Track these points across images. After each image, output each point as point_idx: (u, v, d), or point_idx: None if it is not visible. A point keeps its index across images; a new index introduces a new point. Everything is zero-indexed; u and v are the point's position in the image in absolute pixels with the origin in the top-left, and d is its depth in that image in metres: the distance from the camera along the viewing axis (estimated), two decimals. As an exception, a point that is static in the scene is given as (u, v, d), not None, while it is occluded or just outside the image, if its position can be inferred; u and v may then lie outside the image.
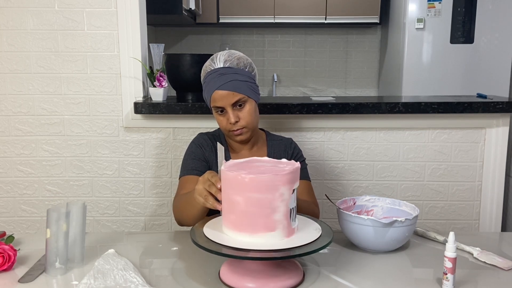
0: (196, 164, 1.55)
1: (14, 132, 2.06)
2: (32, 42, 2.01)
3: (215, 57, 1.52)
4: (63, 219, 1.15)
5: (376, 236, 1.28)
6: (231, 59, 1.50)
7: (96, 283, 1.08)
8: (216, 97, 1.48)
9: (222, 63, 1.50)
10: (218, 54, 1.53)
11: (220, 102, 1.48)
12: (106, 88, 2.04)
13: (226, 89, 1.46)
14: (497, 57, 3.22)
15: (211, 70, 1.50)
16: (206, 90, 1.52)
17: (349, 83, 4.16)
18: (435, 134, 2.10)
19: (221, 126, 1.54)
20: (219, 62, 1.50)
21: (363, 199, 1.49)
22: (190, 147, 1.62)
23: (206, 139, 1.62)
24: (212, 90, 1.48)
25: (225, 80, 1.47)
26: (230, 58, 1.50)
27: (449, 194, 2.14)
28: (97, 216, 2.13)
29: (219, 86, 1.47)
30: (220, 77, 1.47)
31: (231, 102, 1.48)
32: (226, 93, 1.47)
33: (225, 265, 1.16)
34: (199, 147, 1.60)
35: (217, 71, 1.49)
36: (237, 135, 1.53)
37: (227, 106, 1.48)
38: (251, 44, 4.08)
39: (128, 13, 1.99)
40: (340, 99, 2.13)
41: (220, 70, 1.48)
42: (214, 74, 1.49)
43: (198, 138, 1.64)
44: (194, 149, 1.59)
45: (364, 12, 3.68)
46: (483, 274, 1.21)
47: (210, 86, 1.49)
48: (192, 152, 1.59)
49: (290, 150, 1.66)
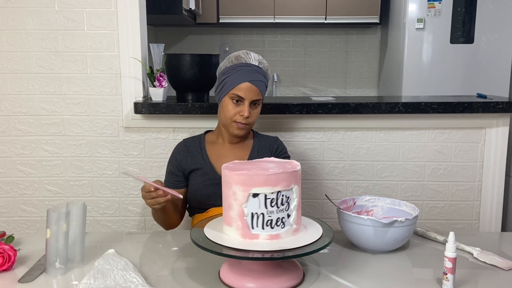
0: (170, 177, 1.71)
1: (14, 132, 2.06)
2: (32, 42, 2.01)
3: (249, 54, 1.63)
4: (63, 219, 1.15)
5: (376, 236, 1.28)
6: (263, 63, 1.64)
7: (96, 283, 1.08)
8: (243, 87, 1.57)
9: (257, 62, 1.62)
10: (251, 53, 1.64)
11: (244, 93, 1.57)
12: (106, 88, 2.04)
13: (256, 85, 1.58)
14: (497, 57, 3.22)
15: (247, 63, 1.60)
16: (235, 77, 1.58)
17: (349, 83, 4.16)
18: (435, 134, 2.10)
19: (228, 114, 1.61)
20: (254, 60, 1.62)
21: (363, 199, 1.49)
22: (169, 161, 1.75)
23: (181, 145, 1.74)
24: (243, 80, 1.57)
25: (257, 77, 1.59)
26: (263, 62, 1.64)
27: (449, 194, 2.14)
28: (97, 216, 2.13)
29: (252, 80, 1.58)
30: (254, 73, 1.59)
31: (252, 98, 1.59)
32: (254, 89, 1.58)
33: (225, 265, 1.16)
34: (174, 157, 1.72)
35: (253, 66, 1.60)
36: (239, 129, 1.62)
37: (248, 100, 1.58)
38: (251, 44, 4.08)
39: (128, 13, 1.99)
40: (340, 99, 2.13)
41: (255, 67, 1.60)
42: (249, 68, 1.59)
43: (175, 149, 1.75)
44: (170, 161, 1.74)
45: (364, 12, 3.68)
46: (483, 274, 1.21)
47: (241, 75, 1.57)
48: (169, 165, 1.73)
49: (275, 146, 1.74)
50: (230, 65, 1.61)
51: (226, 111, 1.61)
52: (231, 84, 1.58)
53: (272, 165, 1.16)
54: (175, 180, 1.70)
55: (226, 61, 1.65)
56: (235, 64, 1.60)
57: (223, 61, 1.67)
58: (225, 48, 4.07)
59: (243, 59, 1.60)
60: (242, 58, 1.61)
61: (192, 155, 1.69)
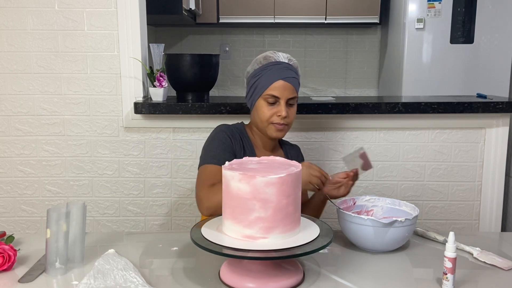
0: (227, 156, 1.50)
1: (14, 132, 2.06)
2: (32, 42, 2.01)
3: (276, 53, 1.56)
4: (63, 219, 1.15)
5: (376, 236, 1.28)
6: (293, 60, 1.57)
7: (96, 283, 1.08)
8: (277, 86, 1.50)
9: (287, 60, 1.55)
10: (278, 52, 1.57)
11: (279, 92, 1.50)
12: (106, 88, 2.04)
13: (290, 82, 1.51)
14: (497, 57, 3.22)
15: (277, 61, 1.53)
16: (266, 76, 1.51)
17: (349, 83, 4.15)
18: (435, 134, 2.10)
19: (264, 116, 1.52)
20: (283, 58, 1.55)
21: (363, 199, 1.49)
22: (219, 136, 1.56)
23: (234, 131, 1.59)
24: (276, 78, 1.50)
25: (290, 74, 1.52)
26: (292, 59, 1.57)
27: (449, 194, 2.14)
28: (97, 216, 2.13)
29: (286, 77, 1.51)
30: (286, 70, 1.52)
31: (288, 97, 1.51)
32: (289, 86, 1.51)
33: (225, 265, 1.16)
34: (229, 138, 1.55)
35: (283, 64, 1.53)
36: (277, 130, 1.54)
37: (283, 98, 1.51)
38: (251, 44, 4.08)
39: (128, 13, 1.99)
40: (340, 99, 2.14)
41: (286, 64, 1.53)
42: (280, 66, 1.52)
43: (227, 129, 1.59)
44: (225, 139, 1.55)
45: (364, 12, 3.68)
46: (483, 274, 1.21)
47: (275, 74, 1.50)
48: (223, 143, 1.54)
49: (301, 158, 1.71)
50: (259, 66, 1.54)
51: (261, 113, 1.53)
52: (263, 85, 1.51)
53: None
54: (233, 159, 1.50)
55: (253, 63, 1.57)
56: (264, 64, 1.53)
57: (250, 64, 1.59)
58: (225, 48, 4.07)
59: (272, 58, 1.54)
60: (270, 57, 1.54)
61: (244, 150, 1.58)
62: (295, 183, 1.10)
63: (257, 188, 1.06)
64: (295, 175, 1.10)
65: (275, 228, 1.08)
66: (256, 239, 1.08)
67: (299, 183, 1.13)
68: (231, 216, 1.10)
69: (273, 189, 1.06)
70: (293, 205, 1.10)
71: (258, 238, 1.08)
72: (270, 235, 1.08)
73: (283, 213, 1.08)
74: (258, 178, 1.05)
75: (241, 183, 1.07)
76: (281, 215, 1.08)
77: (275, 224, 1.08)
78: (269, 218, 1.07)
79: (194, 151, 2.07)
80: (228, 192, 1.11)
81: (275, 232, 1.08)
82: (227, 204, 1.12)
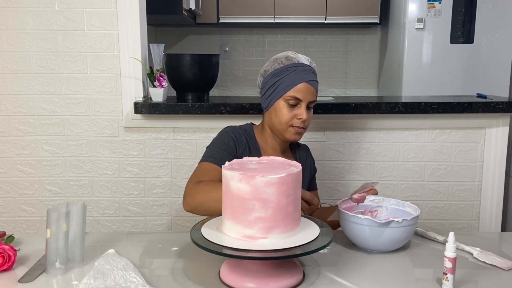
0: (225, 156, 1.49)
1: (14, 132, 2.06)
2: (32, 42, 2.01)
3: (297, 54, 1.53)
4: (63, 219, 1.15)
5: (371, 235, 1.28)
6: (313, 63, 1.55)
7: (96, 283, 1.08)
8: (300, 88, 1.47)
9: (309, 62, 1.52)
10: (298, 54, 1.53)
11: (302, 95, 1.48)
12: (106, 88, 2.04)
13: (313, 86, 1.50)
14: (497, 57, 3.22)
15: (301, 63, 1.50)
16: (290, 78, 1.48)
17: (349, 83, 4.16)
18: (435, 134, 2.10)
19: (283, 119, 1.49)
20: (305, 60, 1.52)
21: (368, 199, 1.49)
22: (223, 137, 1.55)
23: (240, 134, 1.56)
24: (301, 80, 1.47)
25: (313, 77, 1.50)
26: (313, 62, 1.54)
27: (449, 194, 2.14)
28: (97, 216, 2.13)
29: (310, 80, 1.48)
30: (310, 73, 1.49)
31: (310, 99, 1.49)
32: (312, 90, 1.49)
33: (225, 265, 1.16)
34: (233, 140, 1.53)
35: (306, 66, 1.50)
36: (296, 133, 1.52)
37: (305, 101, 1.48)
38: (251, 44, 4.08)
39: (128, 13, 1.99)
40: (340, 99, 2.14)
41: (308, 67, 1.51)
42: (303, 68, 1.49)
43: (233, 131, 1.56)
44: (228, 141, 1.53)
45: (364, 12, 3.68)
46: (483, 274, 1.21)
47: (298, 76, 1.47)
48: (225, 144, 1.52)
49: (310, 159, 1.70)
50: (281, 66, 1.49)
51: (280, 115, 1.49)
52: (286, 86, 1.47)
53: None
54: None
55: (273, 62, 1.53)
56: (287, 65, 1.49)
57: (268, 63, 1.55)
58: (225, 48, 4.07)
59: (294, 59, 1.50)
60: (293, 58, 1.50)
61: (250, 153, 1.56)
62: (295, 183, 1.10)
63: (257, 188, 1.06)
64: (295, 175, 1.10)
65: (275, 228, 1.08)
66: (256, 239, 1.08)
67: (299, 183, 1.13)
68: (231, 216, 1.10)
69: (273, 189, 1.06)
70: (293, 205, 1.10)
71: (258, 238, 1.08)
72: (270, 235, 1.08)
73: (283, 213, 1.08)
74: (258, 178, 1.05)
75: (241, 183, 1.07)
76: (281, 215, 1.08)
77: (275, 224, 1.08)
78: (269, 218, 1.07)
79: (194, 151, 2.07)
80: (228, 192, 1.11)
81: (275, 232, 1.08)
82: (227, 204, 1.12)
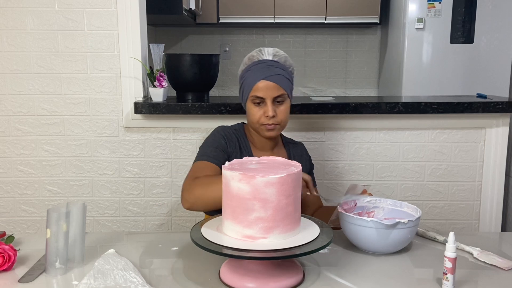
0: (218, 154, 1.51)
1: (14, 132, 2.06)
2: (32, 42, 2.01)
3: (262, 50, 1.53)
4: (63, 219, 1.15)
5: (378, 238, 1.26)
6: (279, 55, 1.53)
7: (96, 283, 1.08)
8: (260, 87, 1.48)
9: (271, 56, 1.52)
10: (265, 48, 1.54)
11: (263, 93, 1.48)
12: (106, 88, 2.04)
13: (272, 81, 1.47)
14: (497, 57, 3.22)
15: (259, 60, 1.51)
16: (249, 78, 1.50)
17: (349, 83, 4.16)
18: (435, 134, 2.10)
19: (254, 118, 1.52)
20: (267, 54, 1.52)
21: (364, 200, 1.48)
22: (214, 136, 1.58)
23: (231, 133, 1.59)
24: (258, 79, 1.48)
25: (273, 72, 1.48)
26: (279, 54, 1.53)
27: (449, 194, 2.14)
28: (97, 216, 2.13)
29: (267, 76, 1.47)
30: (268, 68, 1.48)
31: (273, 95, 1.48)
32: (272, 85, 1.48)
33: (225, 265, 1.16)
34: (223, 138, 1.56)
35: (266, 62, 1.50)
36: (268, 130, 1.52)
37: (269, 98, 1.48)
38: (251, 44, 4.07)
39: (128, 13, 1.99)
40: (340, 99, 2.14)
41: (269, 62, 1.50)
42: (262, 65, 1.49)
43: (223, 130, 1.59)
44: (219, 139, 1.56)
45: (364, 12, 3.68)
46: (483, 274, 1.21)
47: (256, 74, 1.49)
48: (216, 141, 1.55)
49: (306, 156, 1.69)
50: (245, 67, 1.53)
51: (251, 115, 1.52)
52: (248, 87, 1.50)
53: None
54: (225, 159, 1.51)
55: (241, 64, 1.57)
56: (248, 65, 1.52)
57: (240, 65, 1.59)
58: (225, 48, 4.07)
59: (255, 57, 1.52)
60: (254, 56, 1.53)
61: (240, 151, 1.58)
62: (295, 183, 1.10)
63: (257, 188, 1.06)
64: (295, 175, 1.10)
65: (275, 228, 1.08)
66: (256, 239, 1.08)
67: (299, 183, 1.13)
68: (231, 216, 1.10)
69: (273, 189, 1.06)
70: (293, 205, 1.10)
71: (258, 238, 1.08)
72: (270, 235, 1.08)
73: (283, 213, 1.08)
74: (258, 178, 1.05)
75: (241, 183, 1.07)
76: (281, 215, 1.08)
77: (275, 224, 1.08)
78: (269, 218, 1.07)
79: (194, 151, 2.07)
80: (228, 192, 1.11)
81: (275, 232, 1.08)
82: (227, 204, 1.12)
